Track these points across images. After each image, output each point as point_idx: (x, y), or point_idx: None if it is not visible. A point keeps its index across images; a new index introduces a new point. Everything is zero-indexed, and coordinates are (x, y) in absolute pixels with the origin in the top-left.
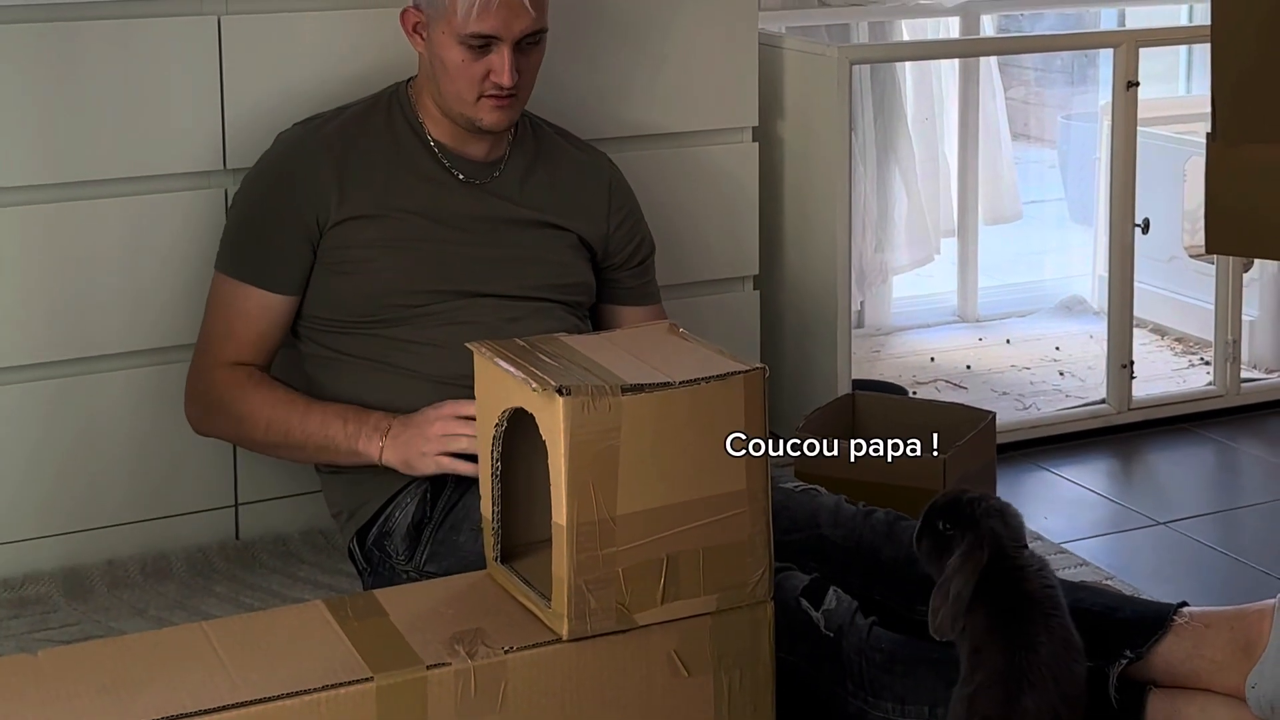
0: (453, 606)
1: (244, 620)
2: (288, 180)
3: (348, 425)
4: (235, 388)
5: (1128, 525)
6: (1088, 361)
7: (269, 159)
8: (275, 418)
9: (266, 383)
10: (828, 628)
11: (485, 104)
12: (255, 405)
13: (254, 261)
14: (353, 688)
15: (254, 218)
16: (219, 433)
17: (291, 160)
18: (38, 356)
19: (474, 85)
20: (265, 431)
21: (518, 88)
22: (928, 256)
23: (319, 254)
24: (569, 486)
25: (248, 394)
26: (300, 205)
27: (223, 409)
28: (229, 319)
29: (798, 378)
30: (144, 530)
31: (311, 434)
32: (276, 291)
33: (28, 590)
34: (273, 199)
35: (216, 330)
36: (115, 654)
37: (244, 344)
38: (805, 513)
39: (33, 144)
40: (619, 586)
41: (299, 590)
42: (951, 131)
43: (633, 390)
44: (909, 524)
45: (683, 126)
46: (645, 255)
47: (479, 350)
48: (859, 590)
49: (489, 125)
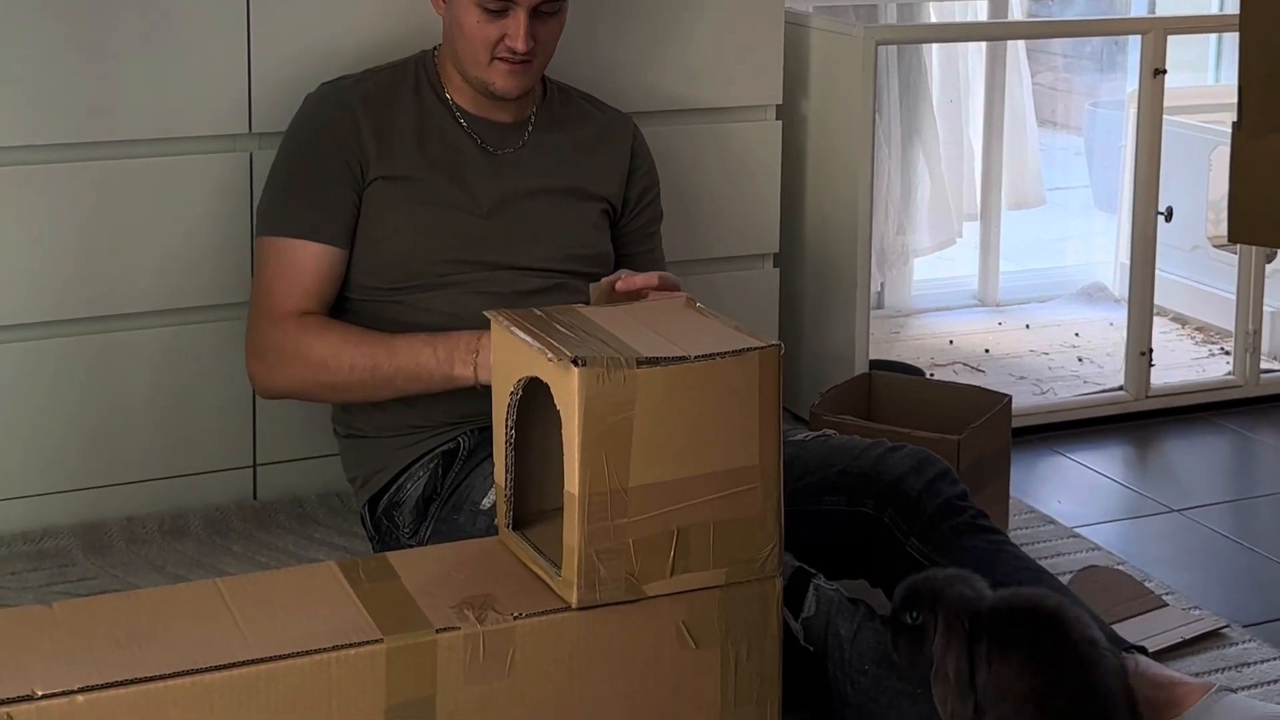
0: (463, 571)
1: (257, 579)
2: (328, 131)
3: (438, 351)
4: (310, 333)
5: (1142, 511)
6: (1107, 348)
7: (304, 117)
8: (360, 354)
9: (340, 324)
10: (808, 640)
11: (499, 67)
12: (336, 345)
13: (303, 215)
14: (363, 649)
15: (298, 173)
16: (293, 382)
17: (328, 113)
18: (62, 314)
19: (488, 48)
20: (349, 371)
21: (533, 54)
22: (949, 239)
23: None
24: (582, 457)
25: (326, 336)
26: (345, 154)
27: (298, 356)
28: (284, 273)
29: (815, 356)
30: (163, 488)
31: (402, 366)
32: (329, 243)
33: (46, 544)
34: (316, 152)
35: (273, 285)
36: (130, 608)
37: (305, 294)
38: (817, 457)
39: (61, 104)
40: (629, 557)
41: (314, 551)
42: (977, 115)
43: (648, 363)
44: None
45: (707, 102)
46: (655, 220)
47: (496, 319)
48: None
49: (501, 90)
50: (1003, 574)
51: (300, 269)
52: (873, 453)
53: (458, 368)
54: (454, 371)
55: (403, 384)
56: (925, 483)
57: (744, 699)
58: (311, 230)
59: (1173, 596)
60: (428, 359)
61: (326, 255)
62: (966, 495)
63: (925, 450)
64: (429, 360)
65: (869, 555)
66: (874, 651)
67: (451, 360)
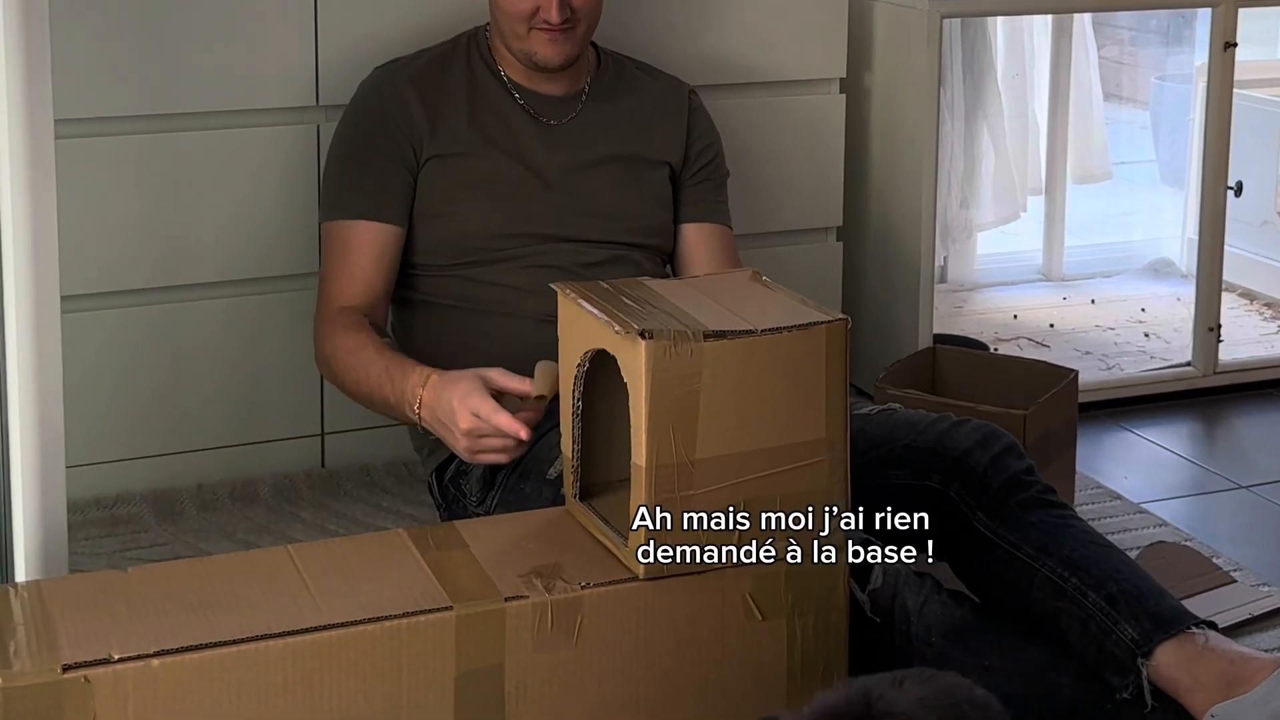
0: (532, 541)
1: (328, 546)
2: (381, 116)
3: (393, 389)
4: (328, 330)
5: (1209, 488)
6: (1174, 324)
7: (358, 102)
8: (350, 365)
9: (353, 328)
10: (874, 612)
11: (538, 36)
12: (338, 350)
13: (360, 197)
14: (433, 615)
15: (353, 156)
16: (328, 378)
17: (381, 97)
18: (133, 284)
19: (524, 20)
20: (343, 378)
21: (574, 21)
22: (1014, 214)
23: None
24: (649, 429)
25: (335, 339)
26: (397, 136)
27: (319, 352)
28: (341, 258)
29: (878, 330)
30: (233, 455)
31: (374, 390)
32: (386, 222)
33: (119, 510)
34: (369, 135)
35: (330, 273)
36: (203, 574)
37: (354, 280)
38: (883, 431)
39: (131, 77)
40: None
41: (382, 519)
42: (1042, 89)
43: (715, 336)
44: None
45: (771, 75)
46: (717, 177)
47: (563, 291)
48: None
49: (543, 59)
50: (1070, 549)
51: (357, 253)
52: (938, 427)
53: (409, 412)
54: (406, 414)
55: (379, 408)
56: (991, 457)
57: (810, 671)
58: (366, 210)
59: (1241, 573)
60: (389, 393)
61: (382, 234)
62: (1033, 470)
63: (991, 425)
64: (390, 395)
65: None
66: (941, 624)
67: (403, 404)
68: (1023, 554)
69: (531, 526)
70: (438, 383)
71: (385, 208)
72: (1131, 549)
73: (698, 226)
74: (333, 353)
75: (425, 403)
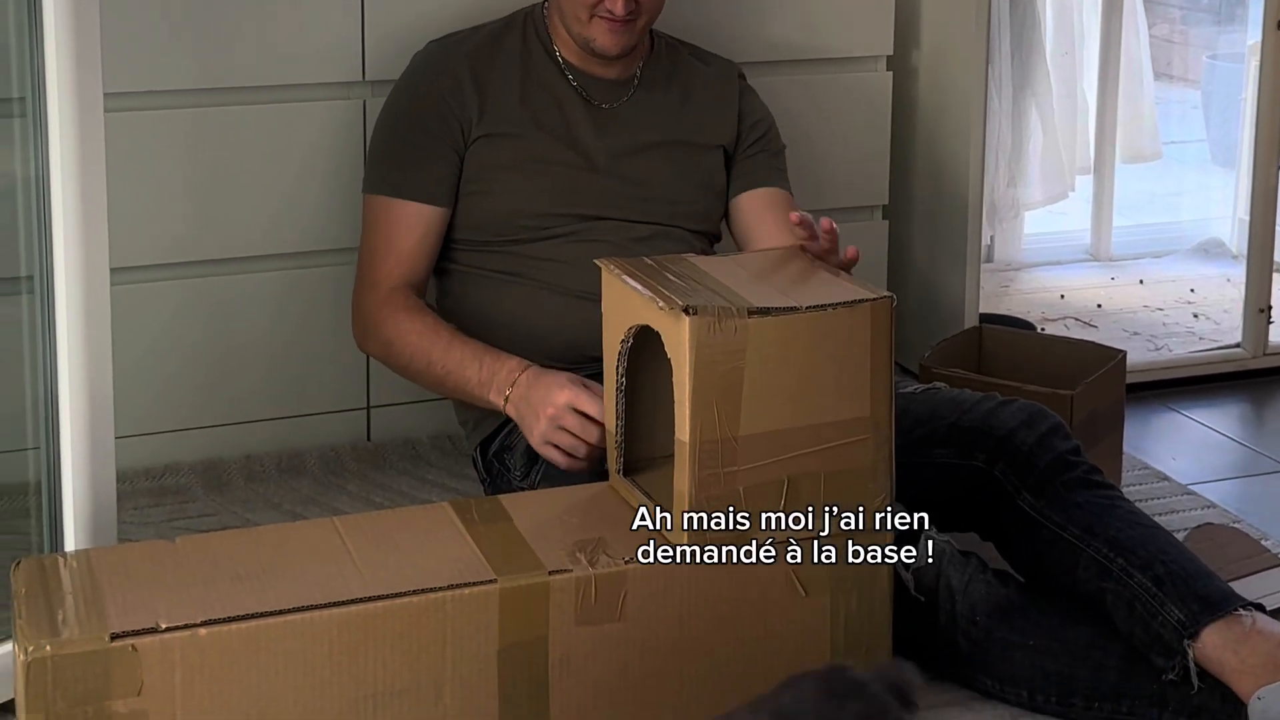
0: (575, 515)
1: (374, 518)
2: (431, 93)
3: (482, 371)
4: (386, 311)
5: (1258, 470)
6: (1223, 305)
7: (409, 76)
8: (420, 348)
9: (417, 309)
10: (918, 590)
11: (599, 25)
12: (403, 331)
13: (405, 175)
14: (477, 588)
15: (401, 132)
16: (375, 354)
17: (433, 73)
18: (181, 256)
19: (588, 6)
20: (410, 359)
21: (636, 13)
22: (1062, 193)
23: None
24: (693, 405)
25: (398, 319)
26: (446, 115)
27: (375, 332)
28: (386, 235)
29: (924, 309)
30: (280, 427)
31: (450, 371)
32: (429, 203)
33: (168, 480)
34: (419, 112)
35: (373, 249)
36: (250, 544)
37: (400, 259)
38: (927, 410)
39: (178, 51)
40: (739, 504)
41: (427, 492)
42: (1091, 67)
43: (759, 313)
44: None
45: (817, 53)
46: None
47: (607, 266)
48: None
49: (601, 47)
50: (1116, 529)
51: (400, 232)
52: (984, 406)
53: (493, 394)
54: (489, 396)
55: (450, 388)
56: (1038, 437)
57: (854, 648)
58: (414, 192)
59: None
60: (472, 374)
61: (426, 214)
62: (1079, 450)
63: (1037, 405)
64: (473, 376)
65: (979, 509)
66: (985, 603)
67: (489, 386)
68: (1068, 534)
69: (575, 501)
70: (537, 370)
71: (432, 190)
72: (1179, 530)
73: (755, 193)
74: (395, 333)
75: (521, 382)
